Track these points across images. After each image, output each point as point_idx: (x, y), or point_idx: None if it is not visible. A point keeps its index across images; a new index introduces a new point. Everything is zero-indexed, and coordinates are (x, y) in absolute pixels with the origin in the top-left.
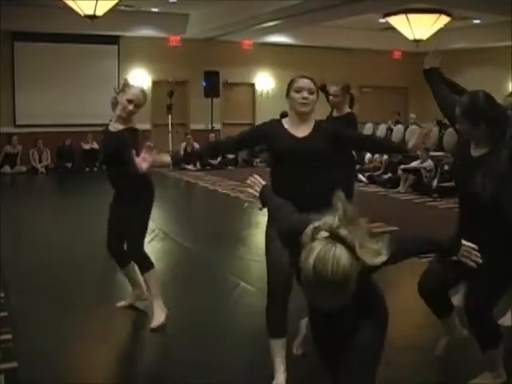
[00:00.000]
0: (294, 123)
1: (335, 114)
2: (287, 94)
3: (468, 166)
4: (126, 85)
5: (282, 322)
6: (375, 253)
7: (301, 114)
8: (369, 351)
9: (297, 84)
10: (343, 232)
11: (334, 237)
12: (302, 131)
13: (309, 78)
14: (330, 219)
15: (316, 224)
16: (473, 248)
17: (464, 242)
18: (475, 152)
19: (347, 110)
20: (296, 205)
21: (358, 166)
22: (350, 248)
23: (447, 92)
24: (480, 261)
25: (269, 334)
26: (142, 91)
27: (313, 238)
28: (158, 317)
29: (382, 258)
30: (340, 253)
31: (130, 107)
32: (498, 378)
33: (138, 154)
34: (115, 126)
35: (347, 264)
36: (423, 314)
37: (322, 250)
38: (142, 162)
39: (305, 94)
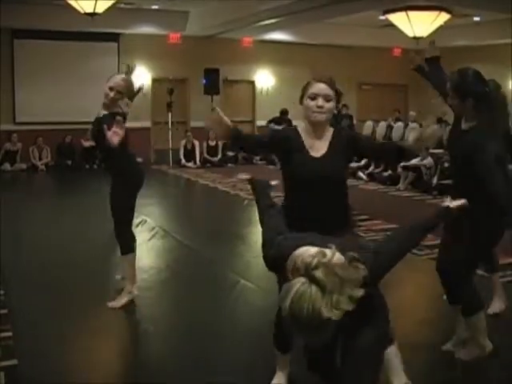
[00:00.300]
0: (310, 134)
1: None
2: (301, 101)
3: (458, 138)
4: (126, 71)
5: (289, 339)
6: (335, 304)
7: (315, 124)
8: (369, 357)
9: (311, 90)
10: (318, 274)
11: (310, 278)
12: (318, 147)
13: (326, 82)
14: (310, 257)
15: (296, 261)
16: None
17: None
18: (465, 126)
19: None
20: (313, 219)
21: None
22: (324, 290)
23: (441, 74)
24: (467, 204)
25: (274, 347)
26: (124, 79)
27: (292, 274)
28: (120, 300)
29: (339, 313)
30: (315, 296)
31: (112, 94)
32: (483, 348)
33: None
34: (101, 113)
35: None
36: (423, 312)
37: (298, 290)
38: (113, 135)
39: (320, 101)
